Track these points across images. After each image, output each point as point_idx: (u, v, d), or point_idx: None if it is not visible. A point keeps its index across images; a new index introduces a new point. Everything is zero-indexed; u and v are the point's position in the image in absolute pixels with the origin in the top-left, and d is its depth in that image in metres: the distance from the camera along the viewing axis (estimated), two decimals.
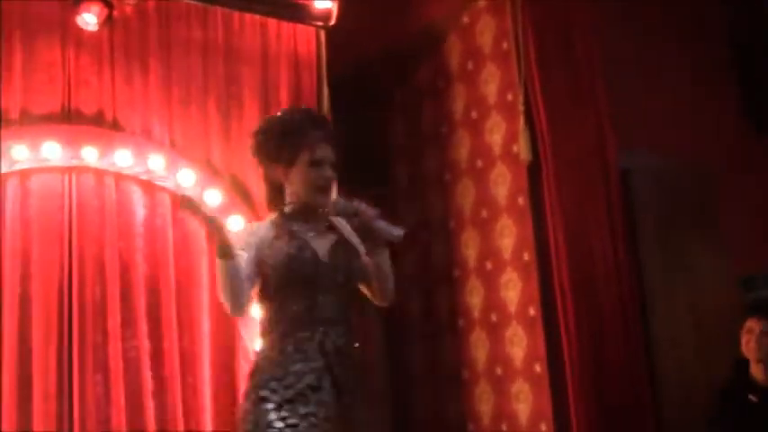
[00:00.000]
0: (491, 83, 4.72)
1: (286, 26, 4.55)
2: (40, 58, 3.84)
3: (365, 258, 2.45)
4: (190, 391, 3.96)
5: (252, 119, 4.35)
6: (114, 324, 3.83)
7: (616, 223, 4.21)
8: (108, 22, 3.99)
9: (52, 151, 3.79)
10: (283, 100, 4.47)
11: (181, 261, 4.08)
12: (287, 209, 2.46)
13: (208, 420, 3.97)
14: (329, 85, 4.59)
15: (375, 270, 2.46)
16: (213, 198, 4.15)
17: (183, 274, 4.08)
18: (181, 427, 3.88)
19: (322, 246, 2.41)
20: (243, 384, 3.99)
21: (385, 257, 2.45)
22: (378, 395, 5.05)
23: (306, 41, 4.60)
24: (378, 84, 5.27)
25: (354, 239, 2.47)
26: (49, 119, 3.85)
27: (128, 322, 3.88)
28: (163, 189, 4.09)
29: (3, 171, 3.73)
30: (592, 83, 4.33)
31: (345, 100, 4.71)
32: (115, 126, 4.00)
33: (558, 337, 4.06)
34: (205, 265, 4.13)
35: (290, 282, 2.36)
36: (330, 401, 2.29)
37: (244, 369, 4.08)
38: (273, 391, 2.27)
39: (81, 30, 3.94)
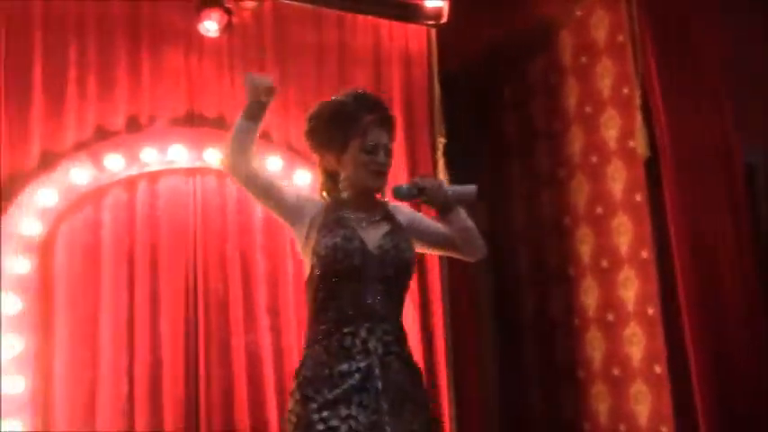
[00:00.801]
0: (606, 77, 4.62)
1: (398, 26, 4.60)
2: (166, 65, 4.02)
3: (441, 227, 2.38)
4: None
5: None
6: (237, 319, 3.97)
7: (740, 221, 4.03)
8: (227, 28, 4.13)
9: (178, 154, 3.96)
10: (396, 99, 4.52)
11: (298, 257, 4.17)
12: (341, 195, 2.35)
13: None
14: (440, 83, 4.61)
15: (457, 230, 2.36)
16: None
17: (300, 269, 4.18)
18: None
19: (373, 236, 2.29)
20: None
21: (462, 215, 2.36)
22: (488, 394, 5.04)
23: (417, 40, 4.63)
24: (488, 80, 5.25)
25: (416, 229, 2.39)
26: (174, 123, 4.01)
27: (249, 317, 4.01)
28: None
29: (134, 174, 3.92)
30: (712, 75, 4.16)
31: (456, 97, 4.72)
32: None
33: (679, 338, 3.92)
34: None
35: (335, 273, 2.24)
36: (373, 405, 2.15)
37: None
38: (317, 390, 2.17)
39: (202, 37, 4.10)
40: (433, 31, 4.65)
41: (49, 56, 3.79)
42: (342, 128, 2.32)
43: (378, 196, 2.38)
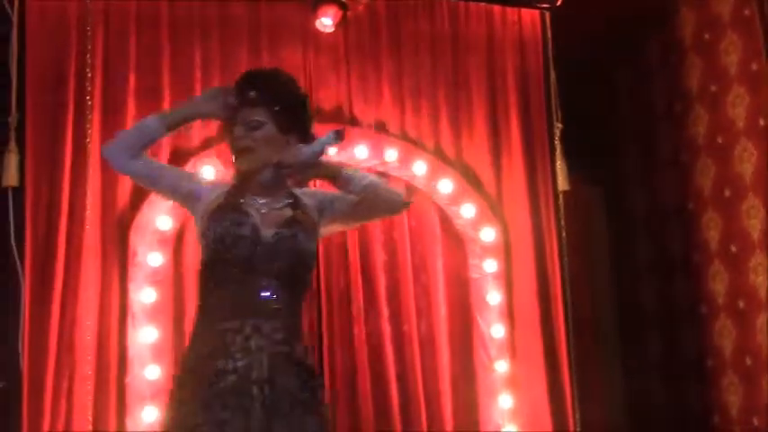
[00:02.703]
0: (732, 53, 4.41)
1: (511, 12, 4.55)
2: (285, 62, 4.10)
3: (348, 197, 2.19)
4: (430, 374, 4.08)
5: (480, 107, 4.41)
6: (358, 309, 4.04)
7: None
8: (342, 23, 4.19)
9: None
10: (510, 86, 4.48)
11: (416, 248, 4.21)
12: (233, 178, 2.21)
13: (448, 404, 4.08)
14: (556, 67, 4.53)
15: (359, 192, 2.15)
16: (445, 187, 4.24)
17: (419, 260, 4.21)
18: (423, 409, 4.02)
19: (270, 222, 2.09)
20: (481, 371, 4.11)
21: (356, 175, 2.17)
22: (612, 384, 4.94)
23: (531, 25, 4.57)
24: (605, 62, 5.12)
25: (327, 209, 2.21)
26: None
27: (370, 307, 4.07)
28: (397, 179, 4.24)
29: None
30: None
31: (572, 81, 4.62)
32: (353, 122, 4.20)
33: None
34: (440, 252, 4.24)
35: (222, 261, 2.05)
36: (252, 409, 1.95)
37: (481, 356, 4.16)
38: (193, 392, 1.97)
39: (319, 32, 4.18)
40: (547, 15, 4.57)
41: (176, 58, 3.95)
42: (224, 112, 2.21)
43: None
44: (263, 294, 2.03)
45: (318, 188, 2.36)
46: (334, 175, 2.17)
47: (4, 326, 3.53)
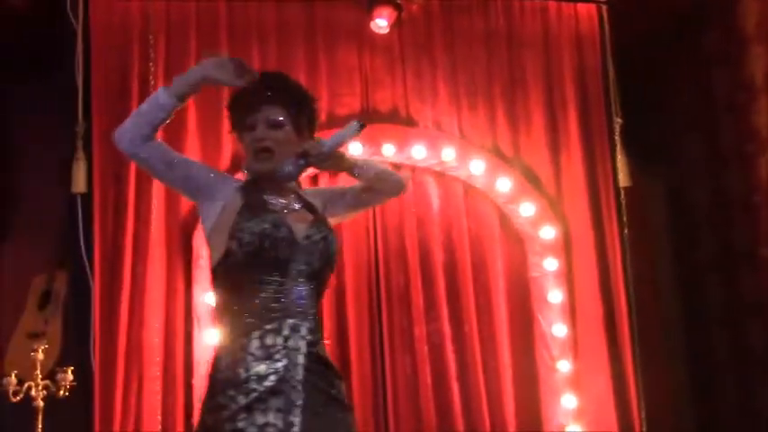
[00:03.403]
0: None
1: (566, 6, 4.50)
2: (341, 63, 4.15)
3: (352, 185, 2.26)
4: (491, 374, 4.06)
5: (537, 103, 4.37)
6: (418, 309, 4.04)
7: None
8: (397, 23, 4.21)
9: (356, 149, 4.07)
10: (567, 81, 4.43)
11: (475, 247, 4.20)
12: (248, 178, 2.16)
13: (510, 405, 4.05)
14: (614, 61, 4.46)
15: (370, 180, 2.23)
16: (504, 185, 4.21)
17: (478, 259, 4.19)
18: (485, 409, 4.00)
19: (298, 225, 2.08)
20: (543, 371, 4.07)
21: (368, 164, 2.27)
22: (678, 383, 4.84)
23: (587, 19, 4.52)
24: (664, 55, 5.01)
25: (333, 203, 2.24)
26: (351, 119, 4.11)
27: (430, 307, 4.07)
28: (455, 179, 4.23)
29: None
30: None
31: (631, 75, 4.55)
32: (409, 121, 4.21)
33: None
34: (499, 251, 4.22)
35: (260, 264, 2.01)
36: (293, 409, 1.94)
37: (543, 355, 4.12)
38: (231, 397, 1.93)
39: (374, 33, 4.19)
40: (604, 8, 4.51)
41: None
42: (236, 111, 2.17)
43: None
44: (298, 296, 2.03)
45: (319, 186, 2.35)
46: (350, 166, 2.21)
47: (76, 328, 3.64)
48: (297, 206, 2.14)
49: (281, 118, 2.11)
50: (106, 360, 3.58)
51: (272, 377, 1.95)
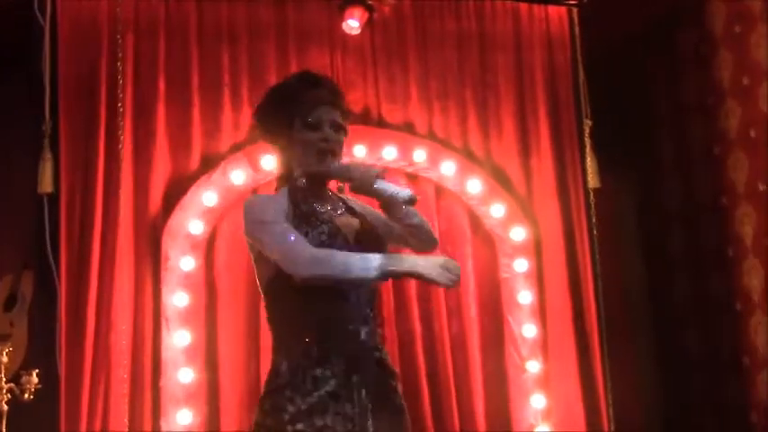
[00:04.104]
0: (762, 46, 4.35)
1: (538, 9, 4.52)
2: (313, 64, 4.10)
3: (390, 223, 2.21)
4: (461, 374, 4.07)
5: (508, 105, 4.39)
6: (388, 310, 4.03)
7: None
8: (369, 24, 4.20)
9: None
10: (538, 83, 4.46)
11: (447, 248, 4.20)
12: (298, 182, 2.14)
13: (480, 404, 4.07)
14: (584, 63, 4.49)
15: (405, 227, 2.20)
16: (474, 187, 4.23)
17: (452, 255, 4.19)
18: (455, 409, 4.01)
19: (348, 230, 2.10)
20: (513, 371, 4.09)
21: (409, 212, 2.18)
22: (646, 382, 4.89)
23: (558, 21, 4.55)
24: (635, 57, 5.06)
25: (376, 220, 2.22)
26: None
27: (400, 307, 4.07)
28: (426, 180, 4.23)
29: None
30: None
31: (602, 76, 4.58)
32: (381, 123, 4.21)
33: None
34: (470, 252, 4.23)
35: None
36: (351, 412, 1.98)
37: (513, 355, 4.15)
38: (290, 399, 1.98)
39: (346, 35, 4.18)
40: (575, 11, 4.54)
41: (205, 62, 3.98)
42: (286, 107, 2.14)
43: (332, 188, 2.21)
44: (356, 301, 2.06)
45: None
46: (392, 203, 2.15)
47: (42, 330, 3.60)
48: (340, 211, 2.16)
49: (343, 123, 2.15)
50: (73, 363, 3.54)
51: (332, 382, 1.98)
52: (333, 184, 2.22)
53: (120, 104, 3.80)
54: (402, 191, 2.09)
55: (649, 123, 5.27)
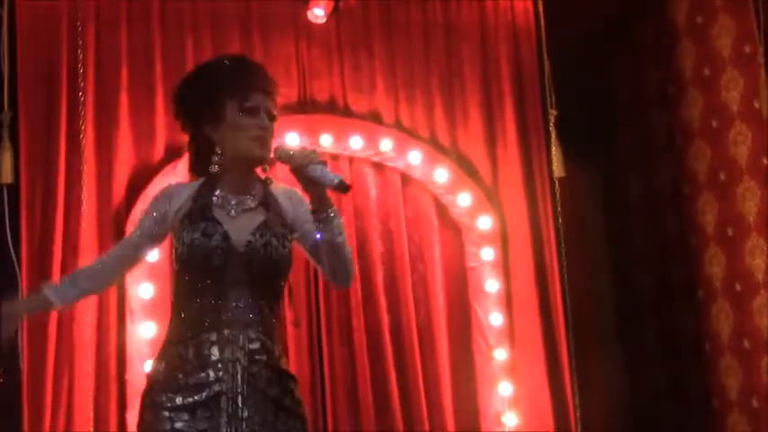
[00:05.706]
0: (725, 36, 4.41)
1: (503, 1, 4.53)
2: (277, 53, 4.10)
3: (313, 233, 2.01)
4: (429, 363, 4.09)
5: (474, 95, 4.40)
6: (356, 299, 4.03)
7: None
8: (334, 13, 4.18)
9: (293, 140, 4.03)
10: (504, 73, 4.47)
11: (413, 237, 4.22)
12: (212, 168, 2.04)
13: (448, 393, 4.09)
14: (549, 54, 4.52)
15: (326, 246, 2.00)
16: (441, 176, 4.23)
17: (416, 249, 4.22)
18: (422, 397, 4.02)
19: (241, 228, 2.01)
20: (480, 359, 4.11)
21: (335, 228, 1.98)
22: (611, 370, 4.95)
23: (523, 12, 4.57)
24: (598, 48, 5.10)
25: (298, 228, 2.07)
26: (288, 109, 4.08)
27: (368, 298, 4.07)
28: (393, 169, 4.23)
29: None
30: None
31: (566, 68, 4.61)
32: (347, 112, 4.19)
33: None
34: (436, 241, 4.25)
35: (195, 271, 1.99)
36: (228, 422, 1.93)
37: (480, 344, 4.17)
38: (170, 398, 1.95)
39: (311, 23, 4.16)
40: (540, 3, 4.56)
41: (168, 51, 3.93)
42: (218, 89, 2.03)
43: (261, 173, 2.09)
44: (236, 305, 1.98)
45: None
46: (325, 206, 1.98)
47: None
48: (253, 204, 2.05)
49: (275, 113, 2.09)
50: (35, 357, 3.48)
51: (209, 388, 1.94)
52: (260, 171, 2.10)
53: (81, 94, 3.73)
54: (334, 176, 1.95)
55: (613, 113, 5.33)
